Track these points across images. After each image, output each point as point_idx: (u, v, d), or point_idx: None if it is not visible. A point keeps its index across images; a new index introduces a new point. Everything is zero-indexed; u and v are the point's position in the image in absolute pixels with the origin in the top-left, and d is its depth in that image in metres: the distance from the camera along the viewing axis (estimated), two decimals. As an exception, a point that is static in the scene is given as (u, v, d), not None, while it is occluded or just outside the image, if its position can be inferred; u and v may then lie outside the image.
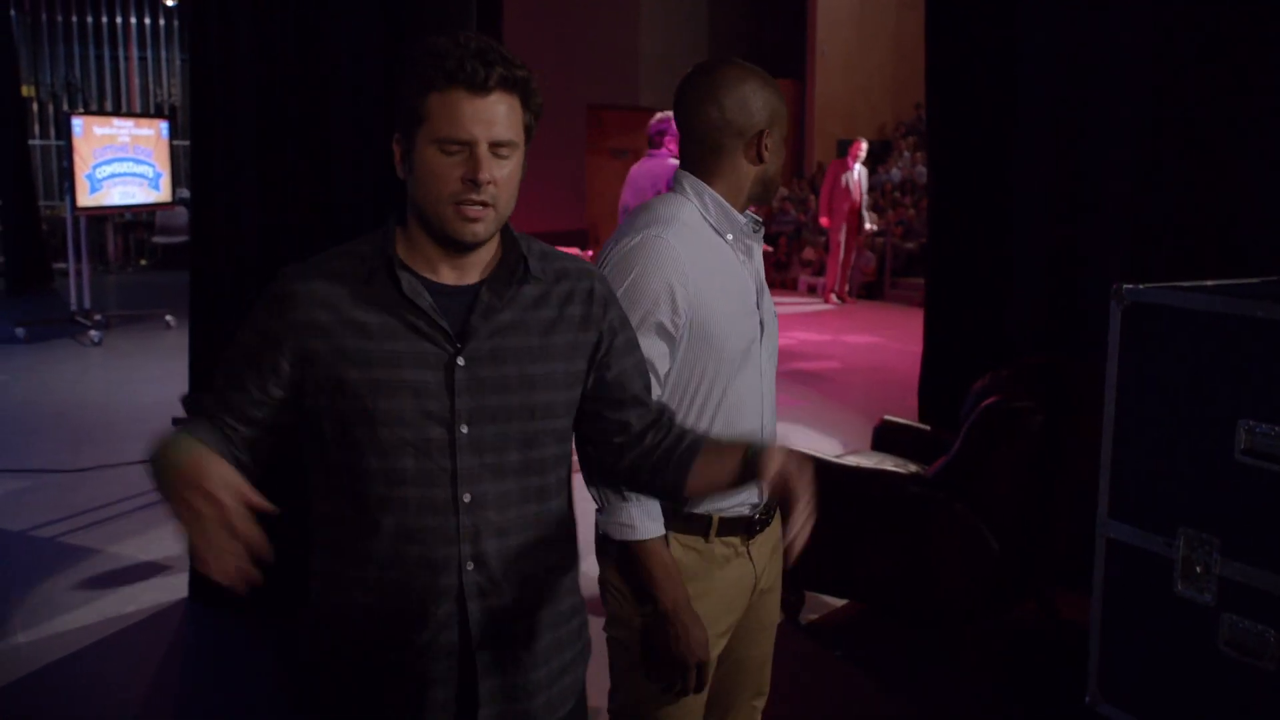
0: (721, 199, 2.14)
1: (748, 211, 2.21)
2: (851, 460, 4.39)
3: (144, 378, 8.61)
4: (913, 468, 4.35)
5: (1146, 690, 3.01)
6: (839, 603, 4.46)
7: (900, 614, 4.31)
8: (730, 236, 2.14)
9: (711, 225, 2.13)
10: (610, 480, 1.98)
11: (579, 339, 1.78)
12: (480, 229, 1.66)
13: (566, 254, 1.85)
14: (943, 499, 3.84)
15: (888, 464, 4.41)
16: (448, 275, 1.72)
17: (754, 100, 2.11)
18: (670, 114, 3.40)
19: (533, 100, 1.69)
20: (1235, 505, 2.76)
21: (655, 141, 6.72)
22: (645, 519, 2.03)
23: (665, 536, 2.06)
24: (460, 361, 1.68)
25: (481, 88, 1.62)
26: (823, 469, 4.16)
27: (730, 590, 2.19)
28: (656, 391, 2.08)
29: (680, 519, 2.14)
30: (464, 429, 1.68)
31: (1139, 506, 2.97)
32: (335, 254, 1.73)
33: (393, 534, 1.69)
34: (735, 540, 2.18)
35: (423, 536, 1.69)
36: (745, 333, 2.12)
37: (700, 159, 2.15)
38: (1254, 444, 2.69)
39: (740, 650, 2.30)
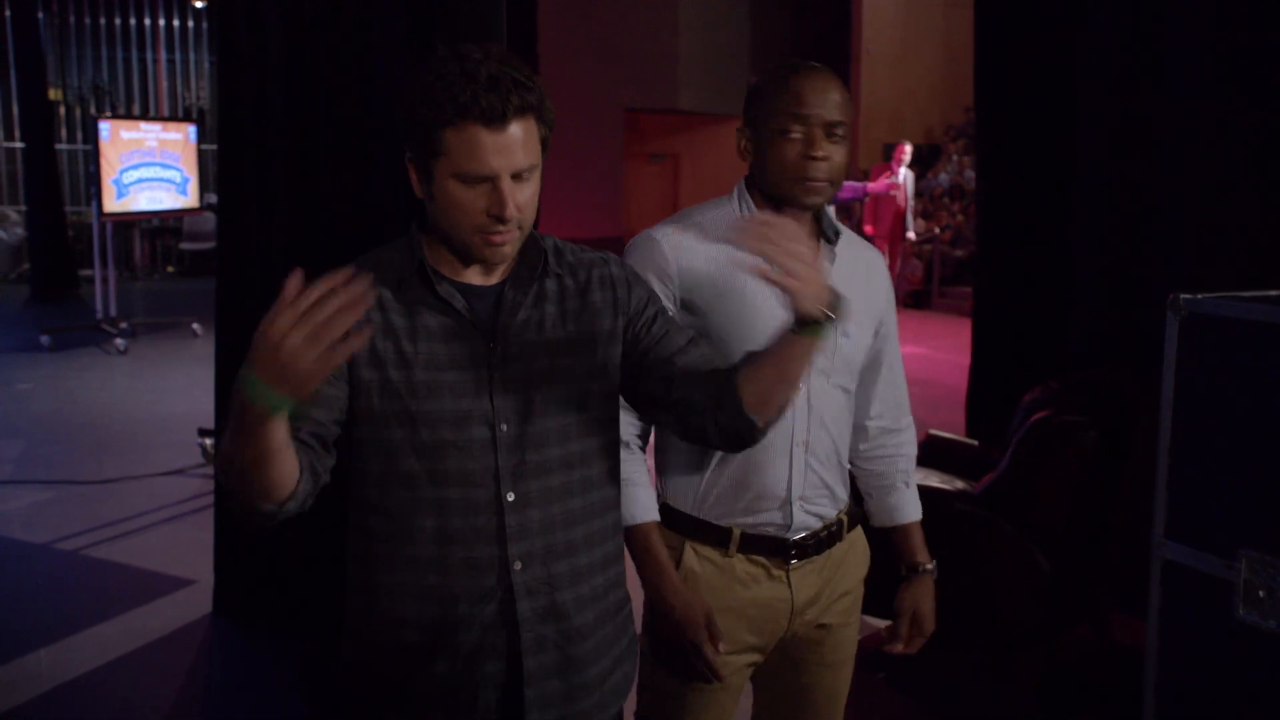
0: (752, 202, 2.19)
1: (833, 220, 2.23)
2: (896, 476, 4.36)
3: (170, 387, 8.70)
4: (960, 485, 4.32)
5: None
6: (883, 623, 4.43)
7: (946, 636, 4.28)
8: None
9: None
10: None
11: (609, 325, 1.83)
12: (508, 250, 1.72)
13: (579, 246, 1.90)
14: (991, 518, 3.81)
15: (933, 480, 4.38)
16: (474, 276, 1.77)
17: (751, 96, 2.15)
18: None
19: (547, 115, 1.70)
20: (1299, 526, 2.71)
21: None
22: (632, 505, 2.10)
23: (654, 525, 2.14)
24: (495, 359, 1.73)
25: (500, 120, 1.63)
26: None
27: (754, 611, 2.19)
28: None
29: (698, 529, 2.18)
30: (504, 426, 1.73)
31: (1197, 527, 2.93)
32: (366, 261, 1.77)
33: (433, 537, 1.72)
34: (764, 560, 2.19)
35: (465, 537, 1.72)
36: (758, 339, 2.11)
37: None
38: (1319, 462, 2.65)
39: (803, 680, 2.32)
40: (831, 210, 7.94)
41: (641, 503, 2.13)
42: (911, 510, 2.47)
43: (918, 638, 2.44)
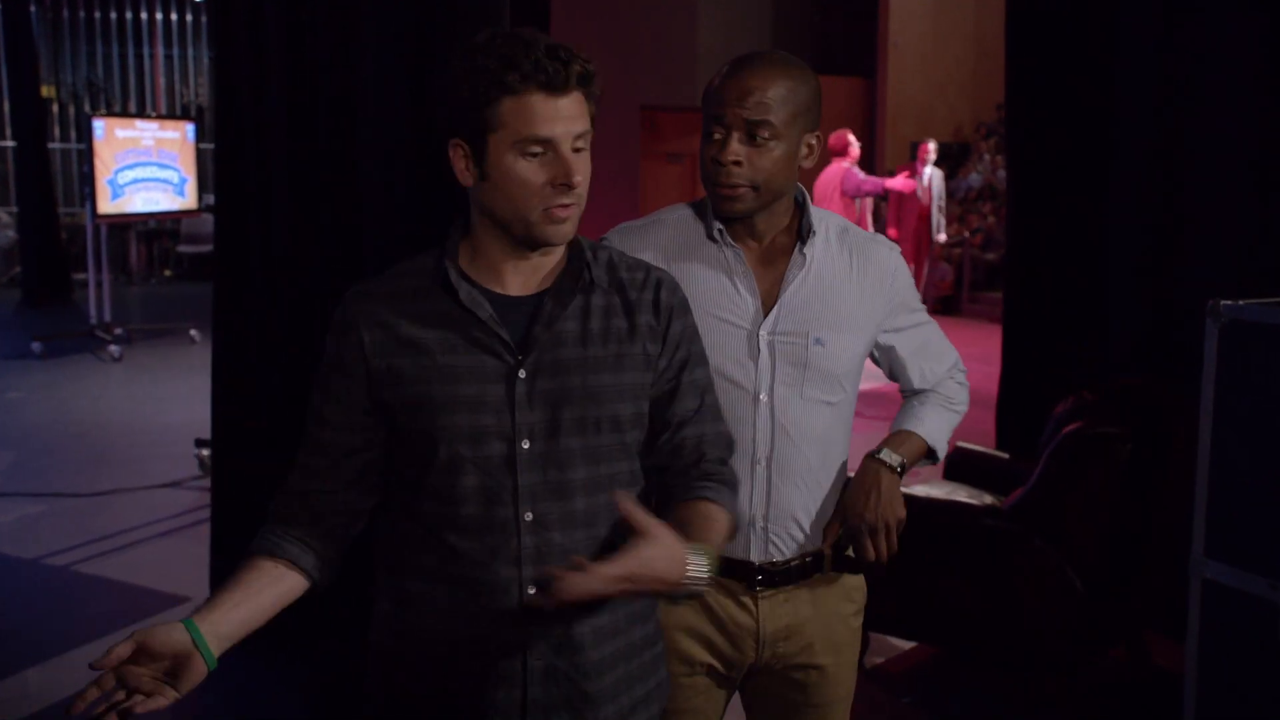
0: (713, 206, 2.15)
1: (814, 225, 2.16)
2: (921, 490, 4.36)
3: (167, 395, 8.73)
4: (988, 499, 4.31)
5: (1247, 747, 2.95)
6: (908, 645, 4.43)
7: (975, 659, 4.27)
8: (715, 243, 2.13)
9: (702, 229, 2.14)
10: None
11: (647, 350, 1.82)
12: (569, 228, 1.74)
13: (636, 260, 1.90)
14: (1021, 534, 3.80)
15: (961, 495, 4.37)
16: (512, 284, 1.78)
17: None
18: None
19: (597, 94, 1.76)
20: (1345, 544, 2.70)
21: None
22: None
23: None
24: (521, 374, 1.73)
25: (561, 88, 1.68)
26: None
27: (714, 633, 2.17)
28: None
29: None
30: (525, 444, 1.73)
31: (1238, 544, 2.92)
32: (398, 270, 1.82)
33: (451, 554, 1.73)
34: (728, 582, 2.14)
35: (482, 558, 1.73)
36: (712, 348, 2.06)
37: None
38: (1366, 477, 2.64)
39: None
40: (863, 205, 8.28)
41: None
42: (911, 421, 2.32)
43: (872, 540, 2.17)
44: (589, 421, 1.76)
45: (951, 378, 2.38)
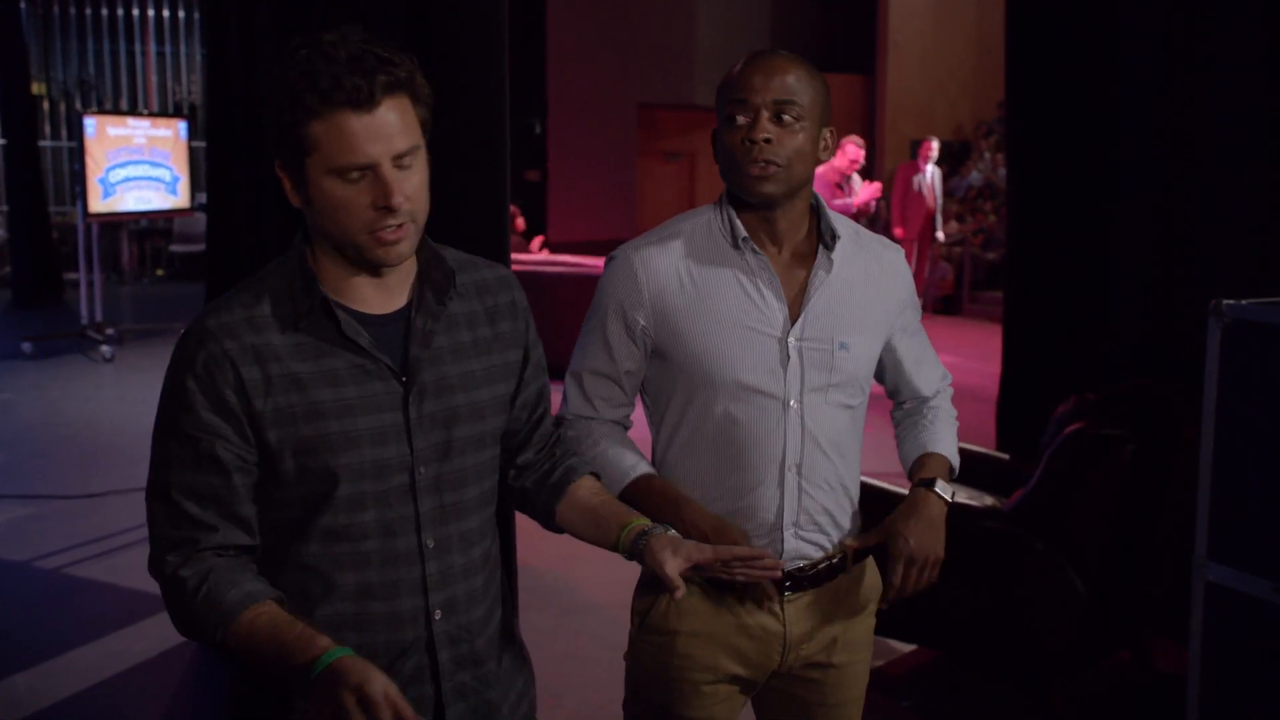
0: (732, 209, 2.13)
1: (837, 224, 2.17)
2: (922, 492, 4.35)
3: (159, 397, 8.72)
4: (989, 501, 4.31)
5: (1250, 751, 2.95)
6: (907, 648, 4.43)
7: (976, 663, 4.27)
8: (739, 251, 2.12)
9: (724, 237, 2.13)
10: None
11: (514, 358, 1.82)
12: (404, 248, 1.64)
13: (481, 261, 1.84)
14: (1022, 536, 3.80)
15: (961, 497, 4.37)
16: (373, 301, 1.69)
17: (716, 91, 2.12)
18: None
19: (422, 93, 1.65)
20: (1349, 546, 2.70)
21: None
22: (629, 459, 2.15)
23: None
24: (411, 398, 1.68)
25: (368, 103, 1.57)
26: (888, 502, 4.13)
27: (741, 641, 2.18)
28: (624, 407, 2.17)
29: None
30: (422, 470, 1.69)
31: (1242, 547, 2.92)
32: (251, 295, 1.67)
33: (353, 593, 1.69)
34: (761, 591, 2.15)
35: (386, 591, 1.69)
36: (744, 360, 2.08)
37: None
38: (1370, 478, 2.64)
39: None
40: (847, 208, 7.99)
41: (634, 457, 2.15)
42: (934, 443, 2.33)
43: (908, 569, 2.20)
44: (474, 439, 1.74)
45: (945, 388, 2.44)
